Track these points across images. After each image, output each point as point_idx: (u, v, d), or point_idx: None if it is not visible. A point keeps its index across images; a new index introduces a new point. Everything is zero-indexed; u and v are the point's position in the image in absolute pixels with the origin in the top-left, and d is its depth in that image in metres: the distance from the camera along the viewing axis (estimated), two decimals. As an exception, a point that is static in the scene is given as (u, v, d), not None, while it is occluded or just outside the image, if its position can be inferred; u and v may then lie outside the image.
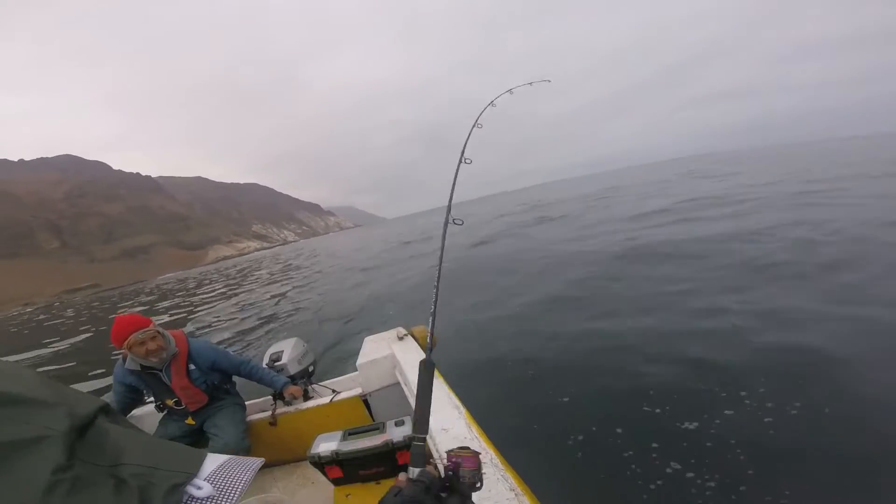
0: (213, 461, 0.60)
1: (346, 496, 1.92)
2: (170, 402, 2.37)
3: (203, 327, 11.78)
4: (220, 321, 12.19)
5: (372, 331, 2.92)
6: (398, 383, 2.20)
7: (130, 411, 2.54)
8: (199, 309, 16.68)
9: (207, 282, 36.06)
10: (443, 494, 0.79)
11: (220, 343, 7.89)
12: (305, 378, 2.77)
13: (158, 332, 2.28)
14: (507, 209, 33.04)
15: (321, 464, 1.82)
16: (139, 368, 2.28)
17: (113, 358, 6.01)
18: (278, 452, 2.54)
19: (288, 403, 2.57)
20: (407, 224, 67.89)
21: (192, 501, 0.53)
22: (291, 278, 20.29)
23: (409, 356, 2.15)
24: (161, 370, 2.32)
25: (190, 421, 2.42)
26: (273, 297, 14.79)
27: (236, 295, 18.54)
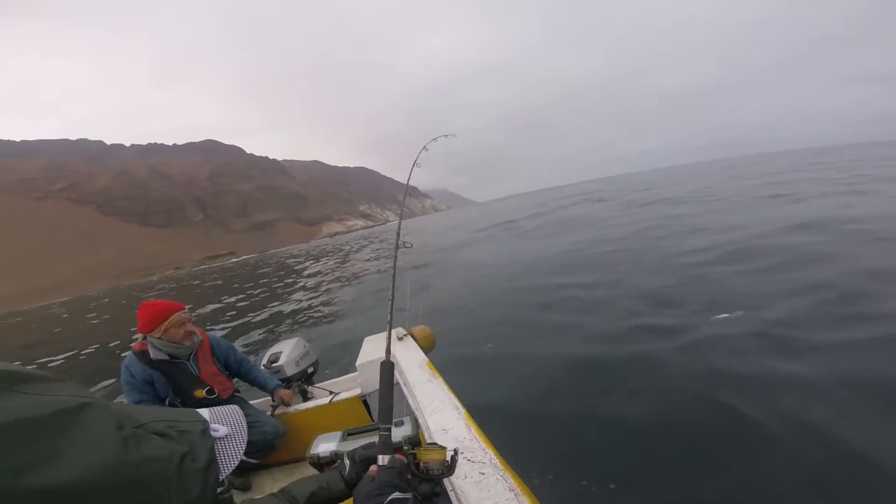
0: (204, 412, 0.64)
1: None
2: (200, 394, 2.23)
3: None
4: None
5: (372, 330, 2.85)
6: (398, 384, 2.06)
7: None
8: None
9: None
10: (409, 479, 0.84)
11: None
12: (304, 379, 2.72)
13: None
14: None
15: (320, 464, 1.79)
16: (166, 358, 2.14)
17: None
18: (277, 453, 2.47)
19: (278, 406, 2.54)
20: (493, 207, 65.16)
21: (217, 441, 0.59)
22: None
23: (409, 356, 2.11)
24: (188, 359, 2.23)
25: None
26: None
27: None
